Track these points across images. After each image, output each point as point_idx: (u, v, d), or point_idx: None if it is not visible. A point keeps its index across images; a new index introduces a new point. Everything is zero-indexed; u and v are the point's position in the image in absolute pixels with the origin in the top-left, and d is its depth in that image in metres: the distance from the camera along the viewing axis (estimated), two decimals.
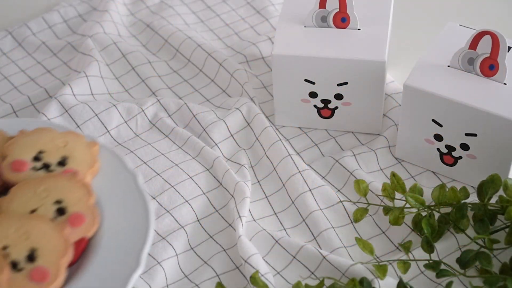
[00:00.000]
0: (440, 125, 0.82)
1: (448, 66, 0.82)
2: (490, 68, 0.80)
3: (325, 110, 0.91)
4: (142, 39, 1.07)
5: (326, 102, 0.90)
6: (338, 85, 0.87)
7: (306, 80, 0.88)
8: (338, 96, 0.89)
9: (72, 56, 1.04)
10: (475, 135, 0.80)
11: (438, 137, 0.83)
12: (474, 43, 0.80)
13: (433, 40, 0.86)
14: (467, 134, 0.81)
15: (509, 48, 0.82)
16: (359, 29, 0.87)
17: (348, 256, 0.80)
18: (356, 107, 0.89)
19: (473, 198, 0.82)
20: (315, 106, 0.90)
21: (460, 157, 0.84)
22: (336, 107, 0.90)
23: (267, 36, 1.05)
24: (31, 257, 0.67)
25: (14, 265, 0.66)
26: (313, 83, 0.88)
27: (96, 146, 0.76)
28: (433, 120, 0.82)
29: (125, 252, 0.70)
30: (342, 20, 0.87)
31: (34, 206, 0.70)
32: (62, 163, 0.75)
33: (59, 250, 0.67)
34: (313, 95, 0.89)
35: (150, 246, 0.72)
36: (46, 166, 0.75)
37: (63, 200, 0.71)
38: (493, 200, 0.80)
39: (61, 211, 0.71)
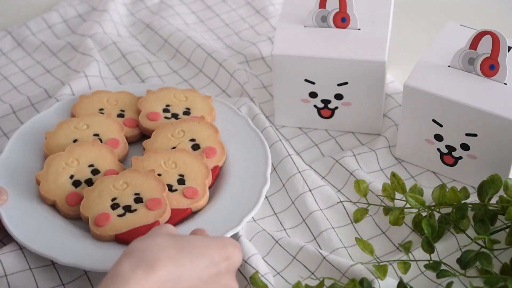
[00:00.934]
0: (440, 125, 0.82)
1: (449, 66, 0.82)
2: (490, 68, 0.80)
3: (325, 110, 0.90)
4: (142, 39, 1.07)
5: (326, 102, 0.89)
6: (338, 85, 0.87)
7: (306, 80, 0.87)
8: (338, 96, 0.88)
9: (72, 56, 1.04)
10: (475, 135, 0.80)
11: (438, 137, 0.83)
12: (474, 43, 0.80)
13: (433, 40, 0.85)
14: (467, 134, 0.81)
15: (509, 48, 0.82)
16: (359, 29, 0.87)
17: (348, 257, 0.80)
18: (356, 107, 0.89)
19: (473, 198, 0.82)
20: (315, 106, 0.90)
21: (461, 157, 0.83)
22: (336, 107, 0.90)
23: (267, 36, 1.05)
24: (181, 181, 0.82)
25: (169, 187, 0.82)
26: (313, 83, 0.88)
27: (210, 98, 0.92)
28: (433, 120, 0.82)
29: (252, 173, 0.84)
30: (342, 20, 0.87)
31: (174, 144, 0.86)
32: (187, 112, 0.90)
33: (203, 174, 0.83)
34: (313, 95, 0.89)
35: (270, 168, 0.85)
36: (174, 116, 0.90)
37: (196, 138, 0.87)
38: (494, 200, 0.80)
39: (195, 147, 0.86)
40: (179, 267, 0.63)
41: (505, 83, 0.80)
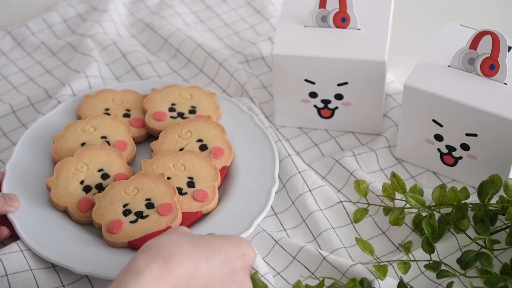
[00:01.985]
0: (441, 125, 0.82)
1: (449, 66, 0.82)
2: (490, 68, 0.80)
3: (325, 110, 0.90)
4: (142, 39, 1.07)
5: (326, 102, 0.89)
6: (338, 85, 0.87)
7: (306, 80, 0.87)
8: (338, 96, 0.88)
9: (72, 56, 1.04)
10: (475, 135, 0.80)
11: (439, 137, 0.83)
12: (474, 43, 0.80)
13: (433, 40, 0.85)
14: (467, 134, 0.81)
15: (509, 48, 0.82)
16: (359, 29, 0.87)
17: (348, 257, 0.80)
18: (356, 107, 0.89)
19: (473, 199, 0.82)
20: (315, 106, 0.90)
21: (461, 157, 0.83)
22: (336, 107, 0.90)
23: (267, 36, 1.04)
24: (190, 184, 0.82)
25: (179, 191, 0.82)
26: (313, 83, 0.87)
27: (215, 95, 0.92)
28: (434, 120, 0.82)
29: (260, 173, 0.84)
30: (342, 20, 0.87)
31: (182, 145, 0.86)
32: (192, 111, 0.90)
33: (212, 176, 0.83)
34: (313, 95, 0.89)
35: (278, 166, 0.85)
36: (180, 115, 0.90)
37: (204, 139, 0.86)
38: (494, 200, 0.80)
39: (203, 147, 0.86)
40: (194, 263, 0.64)
41: (505, 83, 0.80)
